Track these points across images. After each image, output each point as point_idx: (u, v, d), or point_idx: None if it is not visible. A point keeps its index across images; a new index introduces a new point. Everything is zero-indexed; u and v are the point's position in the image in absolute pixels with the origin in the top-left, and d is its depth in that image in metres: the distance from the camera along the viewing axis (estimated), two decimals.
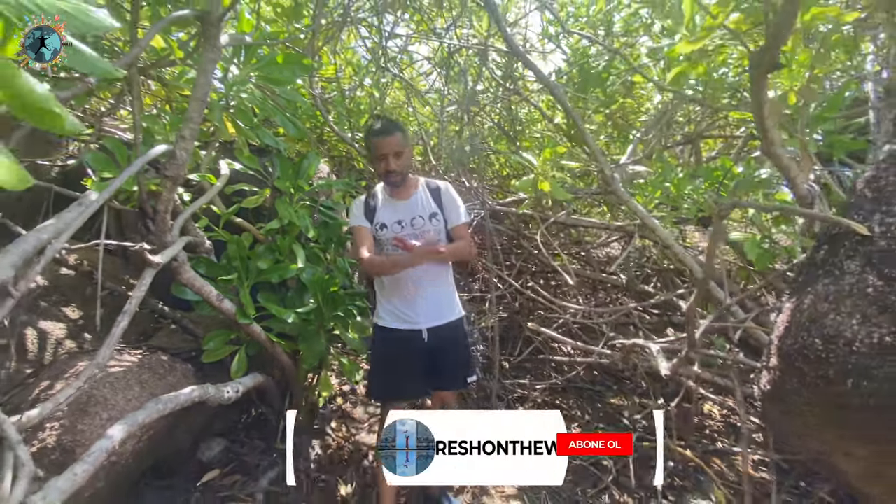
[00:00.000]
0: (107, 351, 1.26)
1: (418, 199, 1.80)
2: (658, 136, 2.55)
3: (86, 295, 2.15)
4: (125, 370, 1.77)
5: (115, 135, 2.56)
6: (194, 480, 2.00)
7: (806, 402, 0.84)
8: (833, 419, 0.79)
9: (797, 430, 0.89)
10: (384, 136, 1.70)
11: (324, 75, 3.66)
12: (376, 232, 1.79)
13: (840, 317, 0.79)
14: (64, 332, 1.99)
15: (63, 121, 0.47)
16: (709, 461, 2.30)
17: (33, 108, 0.41)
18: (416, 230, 1.76)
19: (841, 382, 0.76)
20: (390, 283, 1.80)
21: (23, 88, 0.40)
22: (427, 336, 1.77)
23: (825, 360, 0.79)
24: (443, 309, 1.81)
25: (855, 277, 0.80)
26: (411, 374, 1.79)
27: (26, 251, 1.15)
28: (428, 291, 1.78)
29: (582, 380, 3.29)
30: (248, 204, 2.22)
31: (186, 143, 1.48)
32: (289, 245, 2.21)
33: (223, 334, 2.08)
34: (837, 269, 0.83)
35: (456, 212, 1.80)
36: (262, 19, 3.05)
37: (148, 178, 1.76)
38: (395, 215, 1.78)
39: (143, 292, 1.38)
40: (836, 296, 0.82)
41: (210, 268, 2.02)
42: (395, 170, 1.71)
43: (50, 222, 1.25)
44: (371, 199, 1.85)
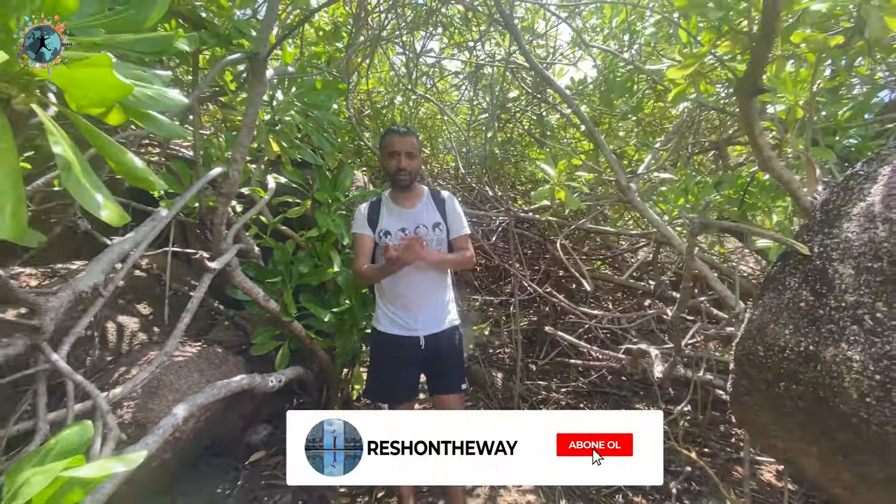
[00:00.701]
0: (173, 342, 1.50)
1: (423, 208, 1.82)
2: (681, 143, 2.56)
3: (155, 294, 2.48)
4: (187, 360, 2.05)
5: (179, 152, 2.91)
6: (243, 459, 2.26)
7: (755, 402, 0.90)
8: (779, 420, 0.85)
9: (759, 431, 0.95)
10: (400, 135, 1.74)
11: (361, 89, 3.91)
12: (379, 239, 1.80)
13: (778, 327, 0.86)
14: (137, 326, 2.31)
15: (154, 184, 0.66)
16: (731, 469, 2.30)
17: (136, 176, 0.62)
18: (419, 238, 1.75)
19: (776, 385, 0.83)
20: (390, 290, 1.82)
21: (130, 164, 0.60)
22: (424, 343, 1.79)
23: (765, 365, 0.86)
24: (440, 316, 1.83)
25: (792, 292, 0.87)
26: (404, 380, 1.83)
27: (112, 259, 1.41)
28: (427, 300, 1.81)
29: (609, 385, 3.32)
30: (292, 214, 2.46)
31: (238, 165, 1.71)
32: (326, 251, 2.44)
33: (269, 331, 2.33)
34: (781, 284, 0.90)
35: (458, 223, 1.83)
36: (306, 42, 3.34)
37: (206, 195, 2.02)
38: (398, 223, 1.80)
39: (203, 293, 1.62)
40: (777, 308, 0.88)
41: (258, 271, 2.27)
42: (405, 168, 1.73)
43: (130, 235, 1.51)
44: (375, 206, 1.86)
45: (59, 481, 0.60)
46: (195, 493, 2.05)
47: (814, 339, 0.80)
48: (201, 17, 1.73)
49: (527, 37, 3.35)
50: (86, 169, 0.62)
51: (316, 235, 2.42)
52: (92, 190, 0.61)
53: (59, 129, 0.61)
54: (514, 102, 3.97)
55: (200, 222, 1.94)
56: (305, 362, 2.53)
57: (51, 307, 1.15)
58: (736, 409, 0.98)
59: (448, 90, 4.17)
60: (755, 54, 1.02)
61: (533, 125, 4.17)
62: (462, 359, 1.92)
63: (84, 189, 0.60)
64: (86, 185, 0.61)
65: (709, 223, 1.23)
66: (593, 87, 3.14)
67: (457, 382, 1.85)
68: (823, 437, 0.78)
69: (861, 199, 0.83)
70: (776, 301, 0.88)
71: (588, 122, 2.10)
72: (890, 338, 0.74)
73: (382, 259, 1.81)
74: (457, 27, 3.47)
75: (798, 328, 0.82)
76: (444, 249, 1.82)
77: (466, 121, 3.91)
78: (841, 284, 0.80)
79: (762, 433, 0.94)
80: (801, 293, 0.84)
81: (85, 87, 0.50)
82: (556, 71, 3.98)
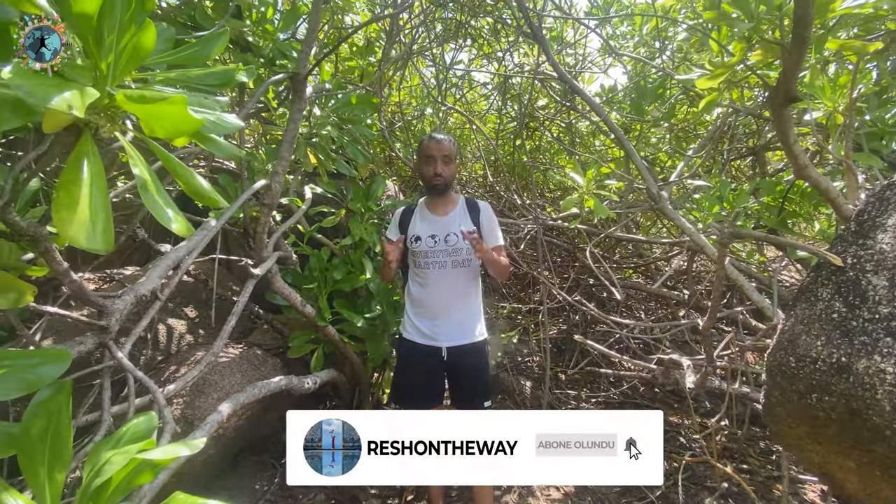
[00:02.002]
0: (220, 343, 1.61)
1: (456, 216, 1.82)
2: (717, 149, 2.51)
3: (201, 298, 2.64)
4: (230, 361, 2.17)
5: (223, 165, 3.09)
6: (280, 458, 2.36)
7: (788, 414, 0.89)
8: (812, 432, 0.83)
9: (793, 444, 0.93)
10: (437, 140, 1.75)
11: (392, 100, 4.03)
12: (410, 244, 1.81)
13: (810, 338, 0.84)
14: (185, 328, 2.47)
15: (218, 202, 0.75)
16: (771, 487, 2.21)
17: (203, 196, 0.70)
18: (448, 246, 1.77)
19: (808, 397, 0.82)
20: (419, 299, 1.83)
21: (197, 185, 0.69)
22: (446, 354, 1.78)
23: (797, 376, 0.84)
24: (465, 329, 1.81)
25: (825, 304, 0.85)
26: (427, 387, 1.84)
27: (168, 265, 1.53)
28: (452, 310, 1.80)
29: (641, 396, 3.25)
30: (327, 223, 2.57)
31: (279, 177, 1.82)
32: (359, 258, 2.52)
33: (305, 335, 2.43)
34: (814, 295, 0.88)
35: (493, 233, 1.83)
36: (340, 57, 3.48)
37: (250, 205, 2.15)
38: (430, 229, 1.79)
39: (247, 297, 1.73)
40: (809, 319, 0.87)
41: (296, 277, 2.38)
42: (441, 174, 1.74)
43: (183, 244, 1.63)
44: (409, 211, 1.88)
45: (133, 462, 0.68)
46: (236, 489, 2.16)
47: (846, 350, 0.78)
48: (248, 42, 1.86)
49: (555, 46, 3.37)
50: (159, 188, 0.71)
51: (349, 243, 2.51)
52: (164, 206, 0.70)
53: (137, 153, 0.70)
54: (543, 111, 3.99)
55: (244, 231, 2.07)
56: (338, 366, 2.62)
57: (116, 309, 1.27)
58: (769, 421, 0.97)
59: (477, 100, 4.24)
60: (787, 64, 1.01)
61: (562, 133, 4.17)
62: (487, 374, 1.88)
63: (158, 205, 0.69)
64: (159, 201, 0.70)
65: (739, 233, 1.22)
66: (623, 94, 3.12)
67: (479, 399, 1.82)
68: (858, 450, 0.77)
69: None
70: (808, 312, 0.87)
71: (617, 129, 2.10)
72: None
73: (411, 263, 1.86)
74: (485, 39, 3.53)
75: (830, 339, 0.81)
76: (476, 260, 1.78)
77: (495, 130, 3.95)
78: (875, 296, 0.78)
79: (797, 446, 0.93)
80: (833, 304, 0.83)
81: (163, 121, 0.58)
82: (587, 78, 3.99)
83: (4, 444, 0.62)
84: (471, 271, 1.83)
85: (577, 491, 2.25)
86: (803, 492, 2.15)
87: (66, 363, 0.64)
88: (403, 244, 1.83)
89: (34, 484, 0.63)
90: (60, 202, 0.54)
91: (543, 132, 4.10)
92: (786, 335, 0.91)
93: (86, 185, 0.57)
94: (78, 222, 0.52)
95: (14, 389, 0.59)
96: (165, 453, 0.68)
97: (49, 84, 0.49)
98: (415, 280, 1.87)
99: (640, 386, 3.42)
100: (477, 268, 1.86)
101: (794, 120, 1.61)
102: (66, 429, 0.66)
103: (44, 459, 0.64)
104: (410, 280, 1.89)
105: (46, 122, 0.55)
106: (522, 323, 4.27)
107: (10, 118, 0.49)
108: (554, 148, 4.14)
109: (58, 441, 0.66)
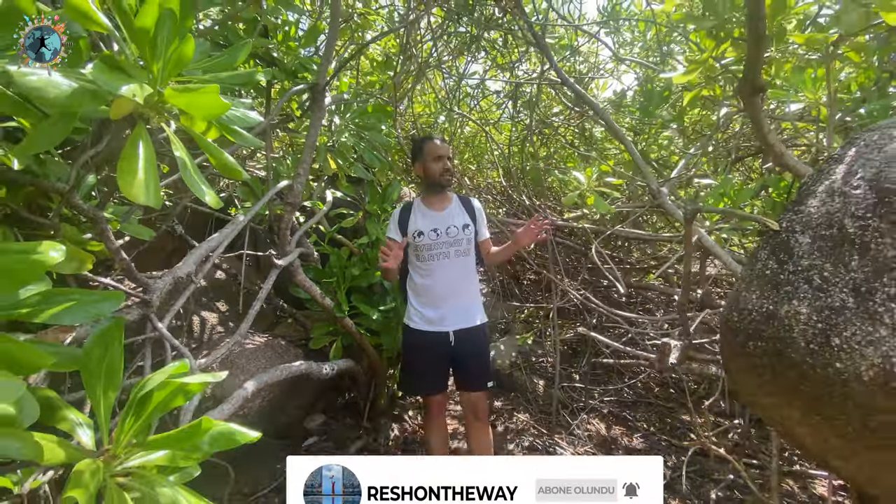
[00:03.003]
0: (246, 324, 1.79)
1: (452, 211, 2.00)
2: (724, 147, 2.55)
3: (230, 293, 2.86)
4: (256, 348, 2.36)
5: (252, 173, 3.35)
6: (300, 441, 2.52)
7: (737, 368, 0.95)
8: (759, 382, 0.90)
9: (750, 400, 0.99)
10: (444, 141, 1.98)
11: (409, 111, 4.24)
12: (413, 238, 1.96)
13: (749, 294, 0.91)
14: (216, 319, 2.68)
15: (240, 173, 0.91)
16: (781, 482, 2.20)
17: (228, 168, 0.87)
18: (450, 238, 1.94)
19: (747, 346, 0.89)
20: (423, 289, 1.97)
21: (224, 160, 0.86)
22: (453, 338, 1.92)
23: (738, 329, 0.91)
24: (469, 313, 1.97)
25: (762, 263, 0.92)
26: (434, 373, 1.98)
27: (202, 253, 1.73)
28: (456, 296, 1.95)
29: (655, 396, 3.25)
30: (346, 224, 2.76)
31: (301, 178, 2.01)
32: (375, 256, 2.69)
33: (325, 327, 2.60)
34: (755, 257, 0.96)
35: (484, 228, 2.06)
36: (361, 72, 3.72)
37: (275, 204, 2.35)
38: (431, 224, 1.95)
39: (270, 285, 1.90)
40: (749, 278, 0.94)
41: (317, 273, 2.56)
42: (451, 169, 1.94)
43: (215, 236, 1.83)
44: (406, 211, 2.04)
45: (170, 385, 0.84)
46: (260, 467, 2.32)
47: (774, 299, 0.86)
48: (273, 56, 2.08)
49: (566, 53, 3.50)
50: (195, 167, 0.88)
51: (366, 242, 2.69)
52: (200, 182, 0.87)
53: (178, 139, 0.87)
54: (556, 116, 4.11)
55: (269, 229, 2.26)
56: (356, 358, 2.77)
57: (157, 287, 1.46)
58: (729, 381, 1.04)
59: (491, 108, 4.40)
60: (748, 57, 1.11)
61: (575, 138, 4.27)
62: (488, 357, 2.02)
63: (194, 180, 0.86)
64: (195, 178, 0.87)
65: (701, 209, 1.30)
66: (632, 98, 3.21)
67: (483, 380, 1.97)
68: (792, 396, 0.83)
69: (827, 178, 0.89)
70: (749, 272, 0.95)
71: (619, 132, 2.20)
72: (832, 292, 0.79)
73: (413, 257, 2.00)
74: (498, 49, 3.70)
75: (763, 292, 0.89)
76: (473, 248, 2.00)
77: (509, 137, 4.09)
78: (799, 251, 0.86)
79: (753, 402, 0.99)
80: (768, 263, 0.91)
81: (200, 107, 0.75)
82: (600, 84, 4.09)
83: (71, 362, 0.78)
84: (470, 260, 1.98)
85: None
86: (813, 486, 2.13)
87: (121, 301, 0.80)
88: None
89: (92, 397, 0.80)
90: (123, 170, 0.71)
91: (557, 137, 4.21)
92: (731, 295, 0.99)
93: (142, 159, 0.74)
94: (137, 184, 0.69)
95: (82, 318, 0.75)
96: (196, 379, 0.84)
97: (120, 79, 0.66)
98: (418, 272, 2.00)
99: (654, 386, 3.43)
100: (474, 257, 2.01)
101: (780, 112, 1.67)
102: (118, 356, 0.83)
103: (100, 379, 0.81)
104: (413, 273, 2.03)
105: (114, 109, 0.72)
106: (539, 325, 4.34)
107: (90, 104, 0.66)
108: (568, 152, 4.24)
109: (112, 365, 0.82)
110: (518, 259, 4.26)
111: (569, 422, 2.87)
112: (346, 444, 2.54)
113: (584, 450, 2.58)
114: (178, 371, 0.95)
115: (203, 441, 0.81)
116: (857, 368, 0.72)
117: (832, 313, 0.77)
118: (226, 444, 0.84)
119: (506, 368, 3.41)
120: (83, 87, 0.66)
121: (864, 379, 0.71)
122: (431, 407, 2.04)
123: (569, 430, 2.78)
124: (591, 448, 2.60)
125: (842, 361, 0.74)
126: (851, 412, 0.74)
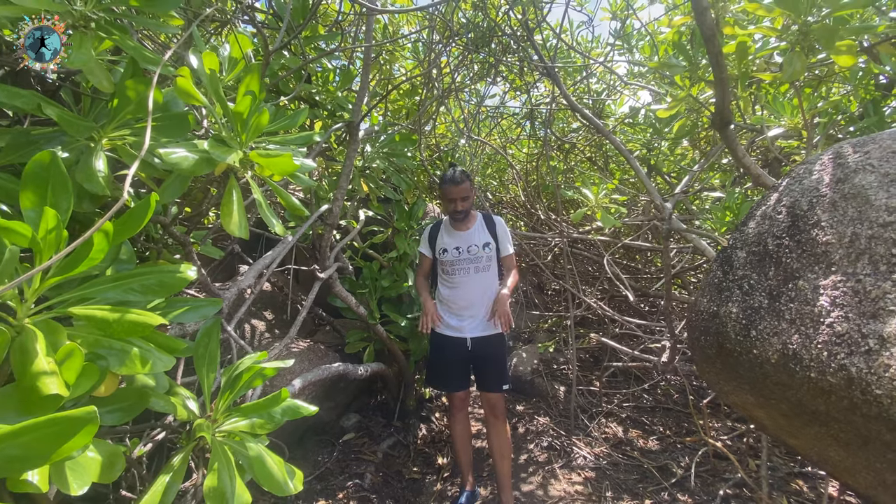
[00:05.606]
0: (294, 329, 2.08)
1: (475, 230, 2.21)
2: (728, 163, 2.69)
3: (277, 304, 3.19)
4: (299, 351, 2.66)
5: (294, 194, 3.72)
6: (338, 438, 2.79)
7: (700, 360, 1.13)
8: (719, 371, 1.08)
9: (718, 390, 1.16)
10: (454, 184, 2.12)
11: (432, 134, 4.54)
12: (439, 255, 2.22)
13: (703, 298, 1.10)
14: (264, 327, 3.02)
15: (304, 212, 1.21)
16: (791, 482, 2.29)
17: (295, 208, 1.17)
18: (471, 255, 2.17)
19: (700, 339, 1.07)
20: (447, 300, 2.23)
21: (293, 204, 1.16)
22: (471, 344, 2.16)
23: (696, 327, 1.10)
24: (485, 324, 2.17)
25: (713, 273, 1.11)
26: (455, 372, 2.22)
27: (259, 269, 2.04)
28: (475, 308, 2.18)
29: (674, 402, 3.35)
30: (377, 240, 3.05)
31: (339, 202, 2.32)
32: (403, 269, 2.97)
33: (359, 333, 2.89)
34: (711, 270, 1.15)
35: (506, 244, 2.21)
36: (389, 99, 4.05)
37: (317, 225, 2.67)
38: (455, 242, 2.19)
39: (314, 295, 2.20)
40: (704, 286, 1.13)
41: (351, 284, 2.86)
42: (460, 210, 2.14)
43: (268, 254, 2.15)
44: (436, 228, 2.30)
45: (254, 368, 1.12)
46: (302, 459, 2.61)
47: (717, 302, 1.05)
48: (315, 98, 2.42)
49: (578, 77, 3.72)
50: (267, 205, 1.17)
51: (395, 256, 2.97)
52: (271, 217, 1.16)
53: (255, 184, 1.17)
54: (575, 132, 4.32)
55: (312, 246, 2.58)
56: (387, 363, 3.04)
57: (226, 297, 1.78)
58: (699, 372, 1.22)
59: (511, 127, 4.66)
60: (716, 95, 1.31)
61: (593, 154, 4.47)
62: (503, 363, 2.22)
63: (269, 217, 1.15)
64: (268, 213, 1.16)
65: (676, 228, 1.48)
66: (643, 116, 3.39)
67: (499, 383, 2.19)
68: (740, 382, 1.01)
69: (765, 203, 1.08)
70: (706, 281, 1.14)
71: (625, 152, 2.40)
72: (754, 296, 0.97)
73: (440, 271, 2.29)
74: (515, 74, 3.96)
75: (711, 297, 1.08)
76: (494, 264, 2.22)
77: (528, 154, 4.32)
78: (737, 263, 1.05)
79: (720, 391, 1.16)
80: (717, 273, 1.10)
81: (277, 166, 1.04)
82: (617, 102, 4.28)
83: (189, 350, 1.08)
84: (489, 275, 2.21)
85: (596, 476, 2.46)
86: (822, 486, 2.21)
87: (219, 306, 1.10)
88: (433, 264, 2.31)
89: (200, 374, 1.09)
90: (224, 212, 1.00)
91: (576, 154, 4.41)
92: (694, 301, 1.18)
93: (235, 203, 1.04)
94: (234, 222, 0.98)
95: (195, 318, 1.05)
96: (272, 364, 1.12)
97: (225, 150, 0.96)
98: (444, 284, 2.29)
99: (673, 393, 3.52)
100: (495, 272, 2.23)
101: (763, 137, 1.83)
102: (217, 346, 1.12)
103: (204, 363, 1.10)
104: (440, 284, 2.32)
105: (218, 169, 1.02)
106: (562, 335, 4.49)
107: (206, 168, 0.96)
108: (585, 165, 4.42)
109: (213, 353, 1.11)
110: (541, 270, 4.45)
111: (586, 424, 3.02)
112: (379, 440, 2.80)
113: (600, 450, 2.73)
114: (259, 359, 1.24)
115: (277, 411, 1.08)
116: (766, 353, 0.90)
117: (752, 312, 0.96)
118: (293, 415, 1.11)
119: (527, 375, 3.60)
120: (202, 158, 0.96)
121: (773, 361, 0.89)
122: (454, 402, 2.28)
123: (586, 432, 2.93)
124: (606, 449, 2.75)
125: (757, 348, 0.92)
126: (773, 390, 0.92)
